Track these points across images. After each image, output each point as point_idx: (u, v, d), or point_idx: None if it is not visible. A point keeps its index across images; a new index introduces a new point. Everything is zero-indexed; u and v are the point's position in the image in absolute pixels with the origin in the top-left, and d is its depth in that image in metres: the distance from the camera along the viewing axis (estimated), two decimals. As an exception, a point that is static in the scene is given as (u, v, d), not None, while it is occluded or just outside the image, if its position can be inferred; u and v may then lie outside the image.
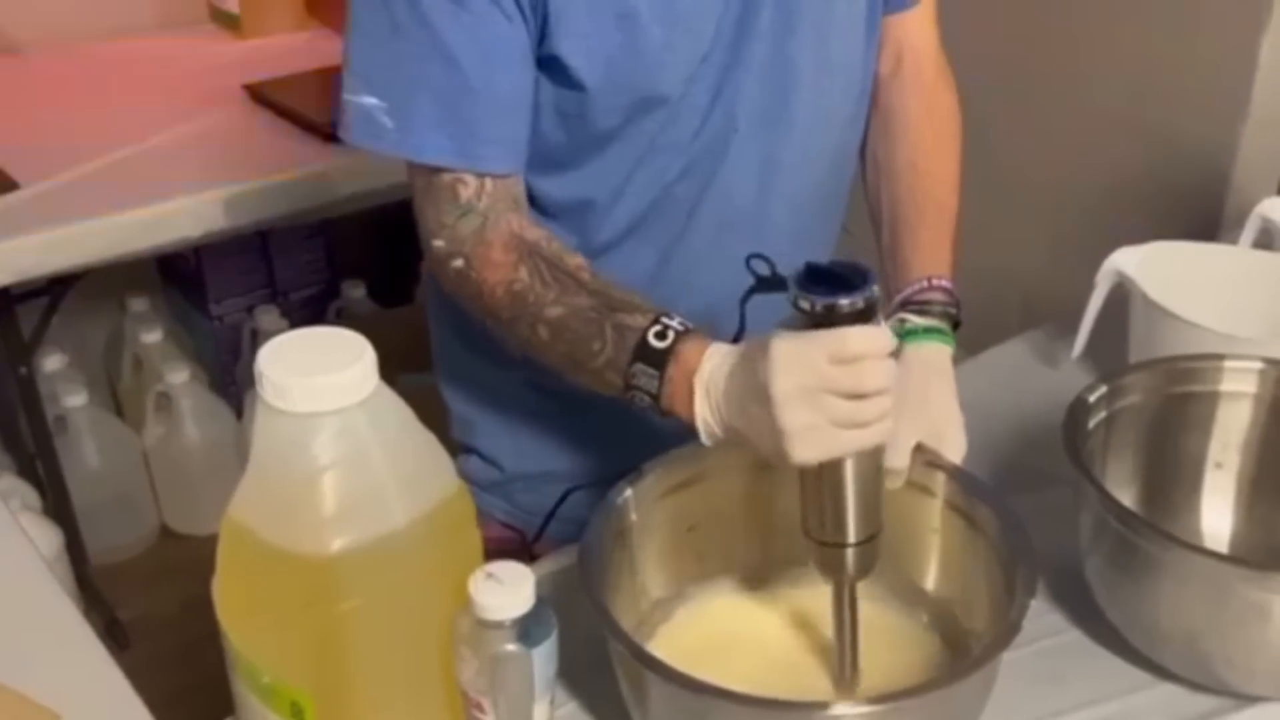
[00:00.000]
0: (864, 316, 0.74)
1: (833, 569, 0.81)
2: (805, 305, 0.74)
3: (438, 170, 0.91)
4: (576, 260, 0.90)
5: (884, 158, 1.08)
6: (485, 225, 0.91)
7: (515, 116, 0.91)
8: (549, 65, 0.91)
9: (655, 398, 0.84)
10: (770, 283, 0.80)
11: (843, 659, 0.85)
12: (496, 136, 0.90)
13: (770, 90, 0.97)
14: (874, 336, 0.74)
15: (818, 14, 0.97)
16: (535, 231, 0.92)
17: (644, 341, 0.83)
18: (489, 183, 0.91)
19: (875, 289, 0.74)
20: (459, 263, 0.92)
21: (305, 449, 0.69)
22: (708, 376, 0.81)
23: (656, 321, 0.84)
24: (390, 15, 0.87)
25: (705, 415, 0.82)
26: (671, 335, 0.83)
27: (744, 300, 0.83)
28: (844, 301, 0.73)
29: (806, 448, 0.75)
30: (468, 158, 0.90)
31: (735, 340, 0.83)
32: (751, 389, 0.77)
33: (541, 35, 0.89)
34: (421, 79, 0.88)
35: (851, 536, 0.79)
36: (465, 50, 0.87)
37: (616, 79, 0.91)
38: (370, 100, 0.89)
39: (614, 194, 0.98)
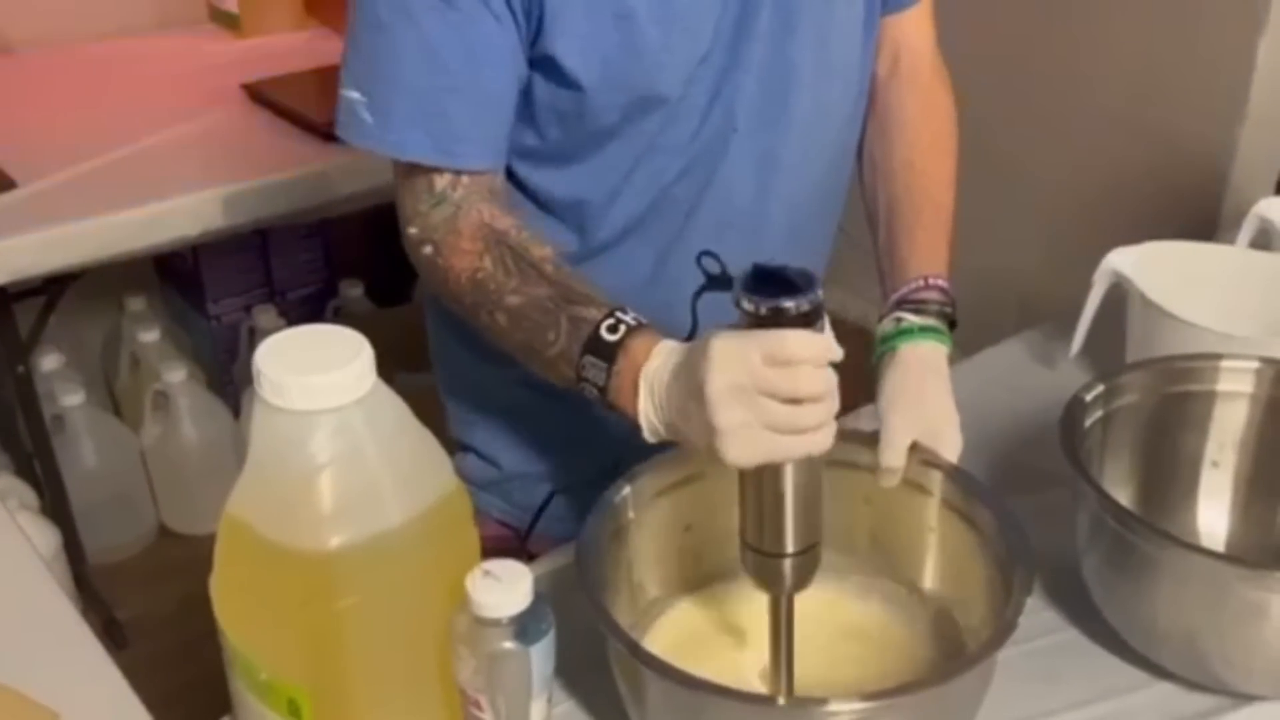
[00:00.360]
0: (807, 321, 0.73)
1: (769, 580, 0.80)
2: (749, 306, 0.73)
3: (416, 163, 0.91)
4: (543, 251, 0.90)
5: (881, 157, 1.08)
6: (457, 214, 0.91)
7: (496, 115, 0.92)
8: (544, 65, 0.91)
9: (603, 390, 0.84)
10: (721, 281, 0.80)
11: (777, 674, 0.83)
12: (475, 135, 0.91)
13: (769, 91, 0.97)
14: (813, 341, 0.73)
15: (817, 15, 0.97)
16: (505, 220, 0.92)
17: (596, 334, 0.84)
18: (465, 177, 0.92)
19: (820, 294, 0.73)
20: (428, 249, 0.93)
21: (303, 446, 0.69)
22: (653, 373, 0.81)
23: (610, 315, 0.84)
24: (376, 12, 0.88)
25: (648, 412, 0.81)
26: (623, 329, 0.83)
27: (695, 298, 0.83)
28: (788, 304, 0.72)
29: (739, 448, 0.74)
30: (445, 155, 0.90)
31: (688, 339, 0.83)
32: (690, 387, 0.76)
33: (536, 35, 0.89)
34: (403, 76, 0.89)
35: (790, 546, 0.78)
36: (450, 48, 0.87)
37: (614, 79, 0.91)
38: (354, 95, 0.90)
39: (612, 193, 0.99)
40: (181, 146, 1.87)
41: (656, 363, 0.81)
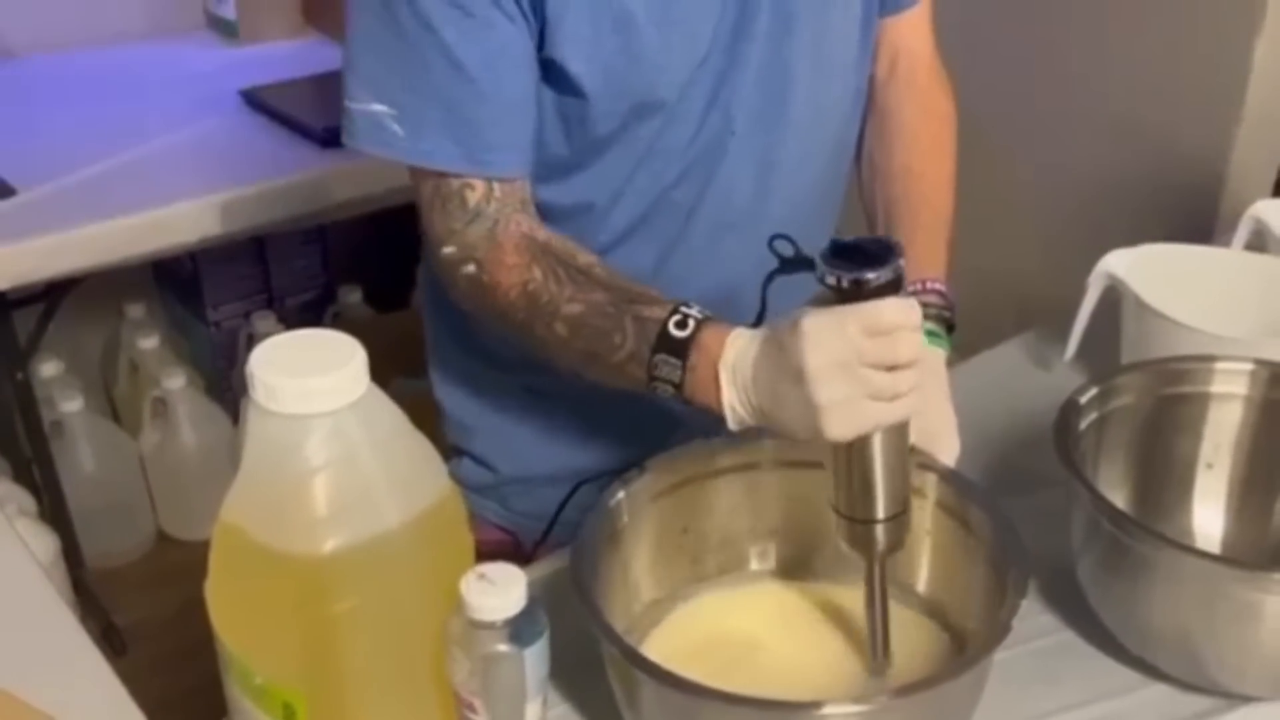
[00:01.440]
0: (892, 289, 0.75)
1: (863, 545, 0.82)
2: (833, 281, 0.74)
3: (445, 176, 0.91)
4: (588, 257, 0.90)
5: (879, 160, 1.08)
6: (496, 228, 0.91)
7: (521, 120, 0.92)
8: (548, 70, 0.91)
9: (679, 387, 0.83)
10: (795, 263, 0.80)
11: (874, 638, 0.84)
12: (503, 141, 0.91)
13: (766, 93, 0.98)
14: (906, 308, 0.75)
15: (814, 17, 0.97)
16: (544, 232, 0.92)
17: (665, 331, 0.83)
18: (497, 187, 0.91)
19: (902, 262, 0.75)
20: (470, 268, 0.92)
21: (297, 450, 0.69)
22: (733, 361, 0.81)
23: (676, 311, 0.84)
24: (395, 22, 0.88)
25: (732, 401, 0.81)
26: (692, 324, 0.83)
27: (766, 283, 0.83)
28: (871, 275, 0.74)
29: (842, 423, 0.75)
30: (476, 163, 0.90)
31: (757, 324, 0.83)
32: (783, 368, 0.77)
33: (540, 41, 0.89)
34: (428, 85, 0.88)
35: (880, 512, 0.80)
36: (470, 55, 0.87)
37: (614, 83, 0.91)
38: (379, 108, 0.90)
39: (613, 197, 0.99)
40: (180, 153, 1.87)
41: (734, 350, 0.81)
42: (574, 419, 1.10)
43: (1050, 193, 2.08)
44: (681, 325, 0.83)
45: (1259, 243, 1.25)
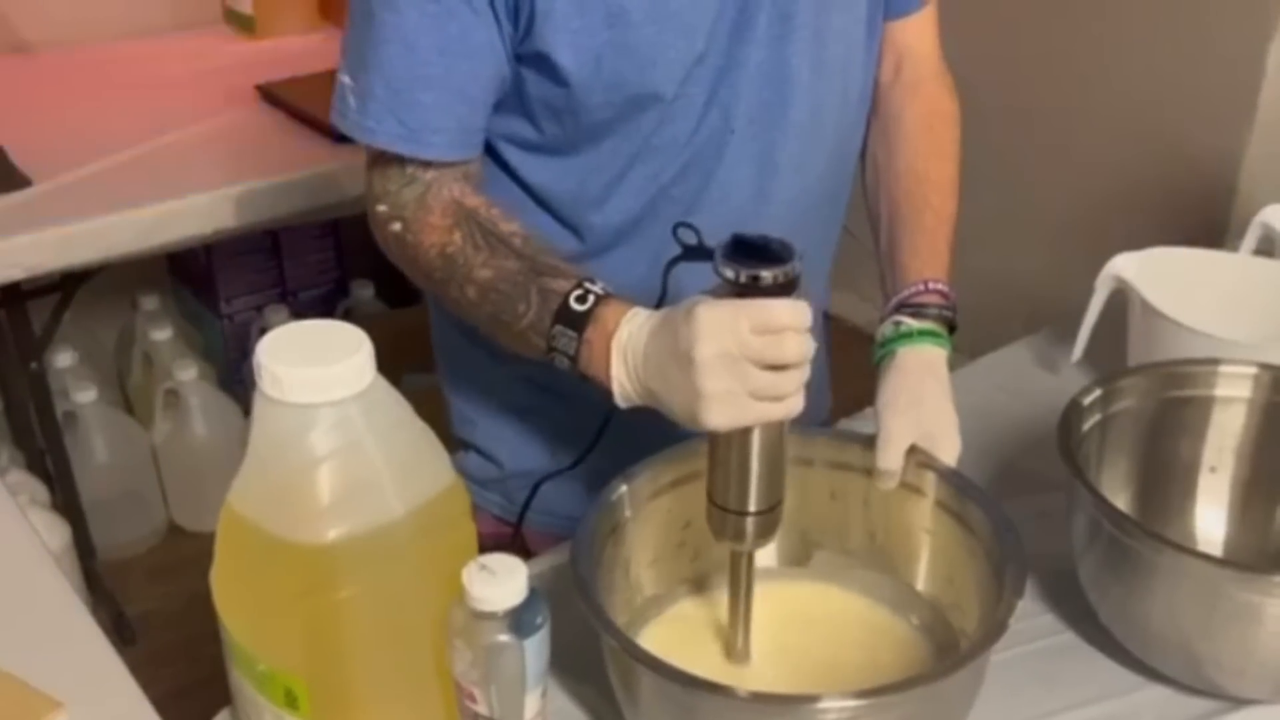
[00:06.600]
0: (785, 290, 0.76)
1: (733, 536, 0.83)
2: (730, 274, 0.76)
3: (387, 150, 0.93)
4: (511, 226, 0.92)
5: (883, 161, 1.09)
6: (427, 193, 0.93)
7: (470, 108, 0.93)
8: (536, 62, 0.92)
9: (574, 360, 0.86)
10: (697, 252, 0.82)
11: (735, 627, 0.86)
12: (448, 126, 0.92)
13: (766, 94, 0.98)
14: (797, 309, 0.76)
15: (815, 19, 0.97)
16: (474, 198, 0.94)
17: (565, 304, 0.86)
18: (436, 166, 0.93)
19: (798, 263, 0.76)
20: (397, 226, 0.94)
21: (301, 439, 0.69)
22: (625, 339, 0.83)
23: (579, 286, 0.86)
24: (365, 0, 0.90)
25: (621, 377, 0.84)
26: (592, 299, 0.85)
27: (668, 269, 0.85)
28: (767, 274, 0.75)
29: (721, 414, 0.77)
30: (416, 145, 0.92)
31: (657, 308, 0.85)
32: (673, 353, 0.79)
33: (527, 33, 0.90)
34: (382, 64, 0.90)
35: (753, 505, 0.82)
36: (428, 41, 0.89)
37: (606, 77, 0.92)
38: (345, 79, 0.93)
39: (608, 188, 0.99)
40: (195, 146, 1.88)
41: (629, 329, 0.83)
42: (577, 413, 1.10)
43: (1060, 196, 2.08)
44: (582, 300, 0.85)
45: (1268, 248, 1.25)
